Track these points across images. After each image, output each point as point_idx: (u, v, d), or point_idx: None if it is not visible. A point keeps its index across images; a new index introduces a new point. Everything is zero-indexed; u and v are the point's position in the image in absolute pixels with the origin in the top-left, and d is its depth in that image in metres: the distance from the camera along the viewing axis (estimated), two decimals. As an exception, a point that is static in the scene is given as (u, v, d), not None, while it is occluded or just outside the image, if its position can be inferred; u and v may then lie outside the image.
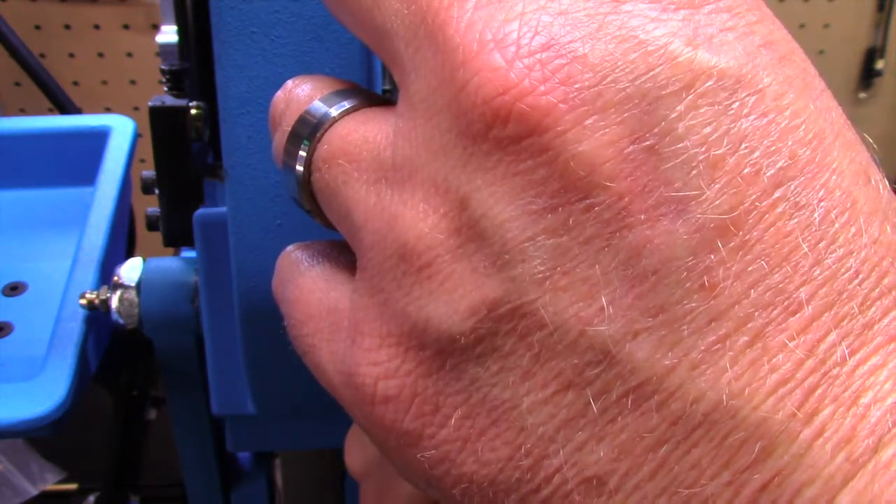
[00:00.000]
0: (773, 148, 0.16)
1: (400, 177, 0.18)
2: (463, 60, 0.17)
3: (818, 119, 0.16)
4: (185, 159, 0.43)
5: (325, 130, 0.20)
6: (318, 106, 0.21)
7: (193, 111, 0.40)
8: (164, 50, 0.44)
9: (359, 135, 0.20)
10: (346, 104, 0.21)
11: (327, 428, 0.44)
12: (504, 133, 0.16)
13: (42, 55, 1.35)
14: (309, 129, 0.20)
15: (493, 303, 0.17)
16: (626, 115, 0.16)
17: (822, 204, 0.16)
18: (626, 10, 0.16)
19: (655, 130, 0.16)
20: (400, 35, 0.18)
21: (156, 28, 0.99)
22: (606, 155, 0.16)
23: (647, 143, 0.16)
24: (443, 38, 0.17)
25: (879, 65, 1.56)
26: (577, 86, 0.16)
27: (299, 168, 0.21)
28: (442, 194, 0.17)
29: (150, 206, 0.50)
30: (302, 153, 0.21)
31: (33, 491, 0.89)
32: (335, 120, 0.20)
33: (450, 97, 0.17)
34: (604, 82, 0.16)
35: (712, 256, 0.16)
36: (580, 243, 0.16)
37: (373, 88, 0.33)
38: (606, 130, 0.16)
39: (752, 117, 0.16)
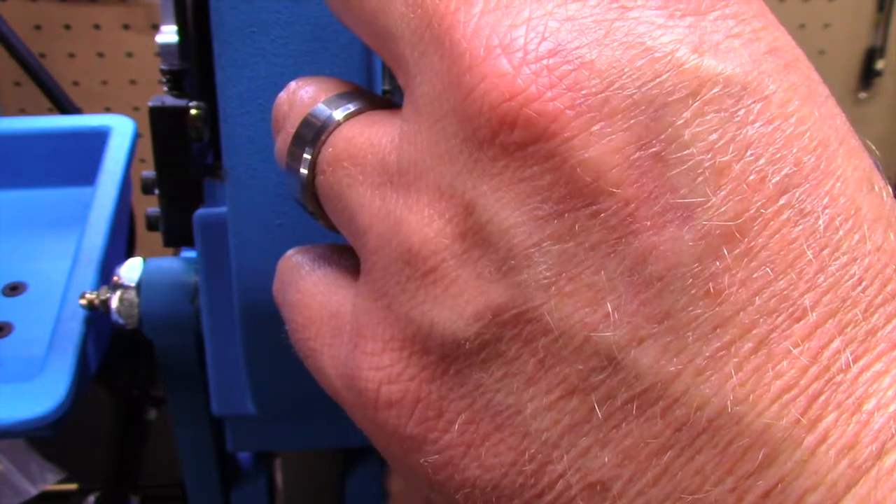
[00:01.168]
0: (779, 155, 0.16)
1: (405, 181, 0.18)
2: (469, 65, 0.17)
3: (823, 126, 0.16)
4: (185, 159, 0.43)
5: (330, 133, 0.20)
6: (323, 108, 0.21)
7: (193, 111, 0.40)
8: (164, 50, 0.43)
9: (364, 138, 0.19)
10: (351, 107, 0.21)
11: (327, 428, 0.44)
12: (510, 139, 0.16)
13: (42, 55, 1.35)
14: (313, 132, 0.20)
15: (498, 308, 0.16)
16: (632, 121, 0.16)
17: (826, 211, 0.16)
18: (633, 17, 0.16)
19: (662, 137, 0.16)
20: (405, 39, 0.18)
21: (156, 28, 0.99)
22: (613, 161, 0.16)
23: (654, 149, 0.16)
24: (449, 42, 0.17)
25: (879, 65, 1.56)
26: (583, 92, 0.16)
27: (303, 171, 0.21)
28: (447, 199, 0.17)
29: (150, 206, 0.50)
30: (306, 156, 0.21)
31: (33, 491, 0.89)
32: (340, 123, 0.20)
33: (456, 102, 0.17)
34: (610, 88, 0.16)
35: (717, 263, 0.16)
36: (586, 249, 0.16)
37: (373, 89, 0.33)
38: (613, 137, 0.16)
39: (757, 124, 0.16)
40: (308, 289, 0.21)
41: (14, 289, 0.61)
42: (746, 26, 0.17)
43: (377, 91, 0.34)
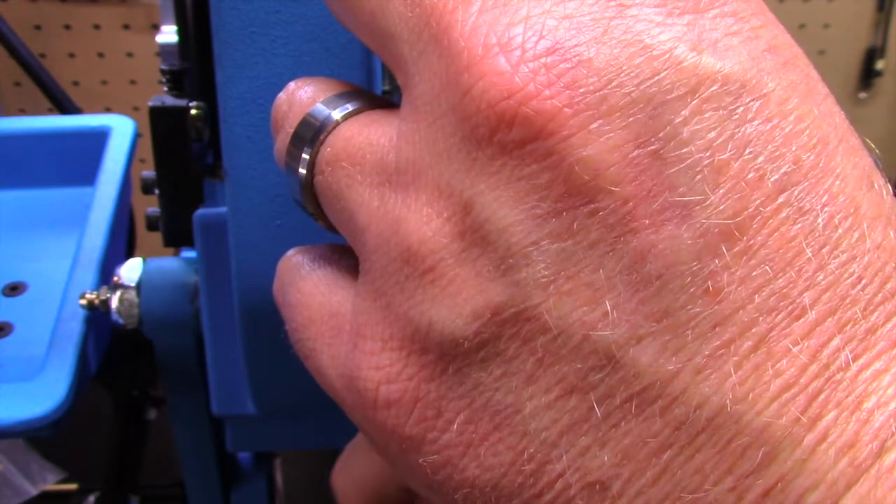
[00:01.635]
0: (778, 153, 0.16)
1: (403, 180, 0.18)
2: (467, 64, 0.17)
3: (822, 124, 0.16)
4: (185, 159, 0.43)
5: (328, 133, 0.20)
6: (321, 108, 0.21)
7: (193, 111, 0.40)
8: (164, 50, 0.43)
9: (362, 137, 0.19)
10: (350, 106, 0.20)
11: (327, 428, 0.44)
12: (508, 137, 0.16)
13: (42, 55, 1.35)
14: (312, 132, 0.20)
15: (497, 307, 0.16)
16: (630, 119, 0.16)
17: (825, 209, 0.16)
18: (631, 15, 0.16)
19: (660, 135, 0.16)
20: (404, 38, 0.18)
21: (156, 28, 0.99)
22: (611, 159, 0.16)
23: (652, 147, 0.16)
24: (447, 41, 0.17)
25: (879, 65, 1.56)
26: (581, 90, 0.16)
27: (302, 171, 0.21)
28: (446, 198, 0.17)
29: (150, 206, 0.50)
30: (305, 156, 0.21)
31: (33, 491, 0.89)
32: (338, 122, 0.20)
33: (454, 101, 0.17)
34: (609, 87, 0.16)
35: (716, 261, 0.15)
36: (584, 248, 0.16)
37: (373, 89, 0.33)
38: (611, 135, 0.16)
39: (756, 122, 0.16)
40: (308, 289, 0.21)
41: (14, 289, 0.61)
42: (745, 24, 0.17)
43: (377, 91, 0.34)
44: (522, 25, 0.16)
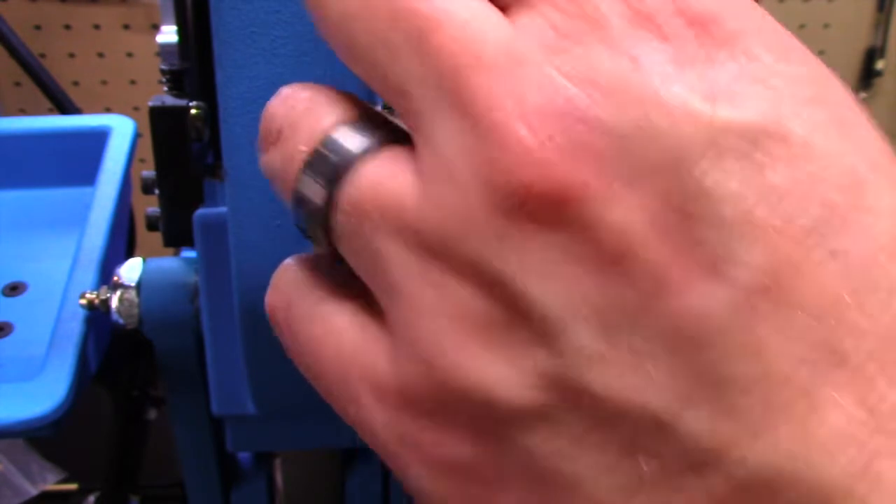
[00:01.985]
0: (804, 196, 0.15)
1: (437, 249, 0.17)
2: (486, 132, 0.16)
3: (850, 157, 0.16)
4: (185, 159, 0.43)
5: (350, 170, 0.19)
6: (338, 142, 0.19)
7: (193, 111, 0.40)
8: (164, 50, 0.44)
9: (389, 190, 0.18)
10: (368, 142, 0.19)
11: (327, 428, 0.44)
12: (534, 209, 0.16)
13: (42, 55, 1.35)
14: (330, 167, 0.19)
15: (541, 377, 0.16)
16: (653, 179, 0.16)
17: (858, 247, 0.16)
18: (645, 69, 0.16)
19: (683, 192, 0.15)
20: (417, 96, 0.17)
21: (156, 28, 0.99)
22: (638, 223, 0.16)
23: (677, 205, 0.15)
24: (463, 106, 0.17)
25: (879, 65, 1.56)
26: (602, 155, 0.16)
27: (317, 201, 0.19)
28: (479, 274, 0.17)
29: (150, 206, 0.50)
30: (319, 186, 0.19)
31: (33, 491, 0.89)
32: (359, 158, 0.19)
33: (475, 169, 0.16)
34: (629, 148, 0.16)
35: (753, 317, 0.15)
36: (620, 314, 0.16)
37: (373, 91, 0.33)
38: (635, 197, 0.16)
39: (779, 167, 0.16)
40: (331, 341, 0.20)
41: (14, 289, 0.61)
42: (759, 63, 0.16)
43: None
44: (539, 90, 0.16)
